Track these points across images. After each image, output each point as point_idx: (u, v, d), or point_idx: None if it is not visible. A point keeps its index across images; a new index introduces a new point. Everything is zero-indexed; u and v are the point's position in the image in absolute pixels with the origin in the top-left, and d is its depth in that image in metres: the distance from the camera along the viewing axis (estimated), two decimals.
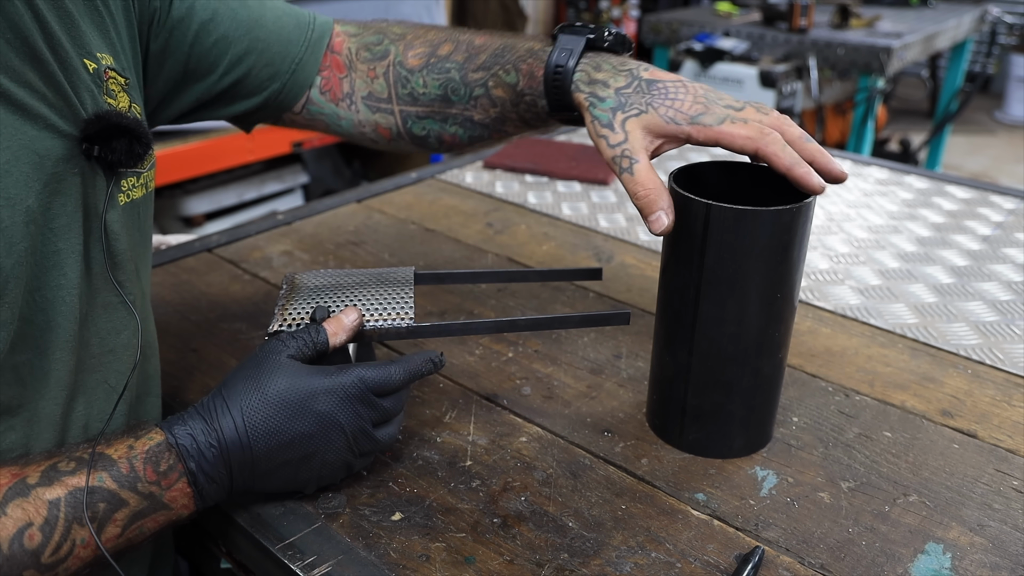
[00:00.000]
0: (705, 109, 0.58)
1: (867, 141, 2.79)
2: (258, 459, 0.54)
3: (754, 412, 0.64)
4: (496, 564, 0.55)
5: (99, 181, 0.55)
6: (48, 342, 0.53)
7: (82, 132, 0.53)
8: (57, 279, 0.52)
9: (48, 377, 0.53)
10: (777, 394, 0.65)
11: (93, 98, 0.54)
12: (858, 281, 0.96)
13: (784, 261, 0.58)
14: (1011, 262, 1.01)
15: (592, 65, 0.62)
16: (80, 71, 0.54)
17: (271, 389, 0.55)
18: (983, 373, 0.77)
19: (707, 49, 2.64)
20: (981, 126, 4.91)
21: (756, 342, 0.60)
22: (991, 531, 0.58)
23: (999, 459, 0.66)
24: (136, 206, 0.60)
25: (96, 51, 0.56)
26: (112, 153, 0.54)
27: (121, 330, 0.58)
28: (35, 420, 0.53)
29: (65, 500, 0.48)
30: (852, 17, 2.84)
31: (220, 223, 2.27)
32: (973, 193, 1.24)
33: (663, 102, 0.59)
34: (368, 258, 0.99)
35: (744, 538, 0.57)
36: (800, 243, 0.58)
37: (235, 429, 0.54)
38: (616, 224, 1.10)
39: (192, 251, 1.01)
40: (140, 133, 0.56)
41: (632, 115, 0.59)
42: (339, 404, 0.56)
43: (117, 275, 0.57)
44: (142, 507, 0.50)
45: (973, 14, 3.35)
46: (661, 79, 0.60)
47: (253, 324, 0.84)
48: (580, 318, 0.66)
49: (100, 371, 0.58)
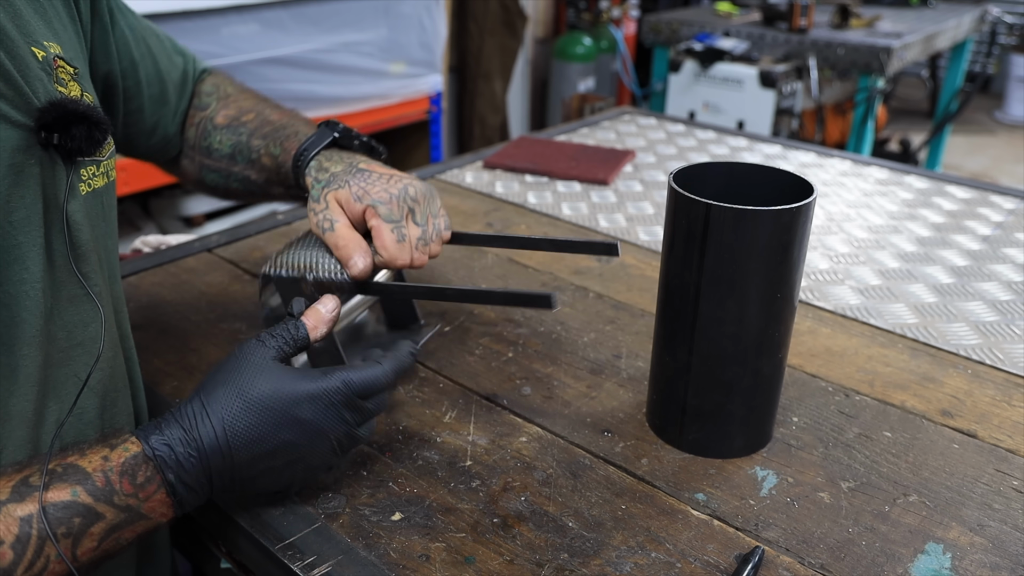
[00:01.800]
0: (387, 200, 0.68)
1: (867, 141, 2.79)
2: (239, 466, 0.53)
3: (754, 412, 0.64)
4: (496, 564, 0.55)
5: (59, 171, 0.54)
6: (13, 338, 0.52)
7: (38, 121, 0.51)
8: (19, 273, 0.51)
9: (16, 374, 0.52)
10: (777, 394, 0.65)
11: (44, 87, 0.53)
12: (858, 281, 0.96)
13: (784, 261, 0.58)
14: (1011, 262, 1.01)
15: (326, 157, 0.73)
16: (29, 59, 0.53)
17: (253, 394, 0.53)
18: (983, 373, 0.77)
19: (707, 49, 2.64)
20: (981, 126, 4.91)
21: (756, 342, 0.60)
22: (991, 531, 0.58)
23: (999, 459, 0.66)
24: (99, 195, 0.59)
25: (42, 39, 0.55)
26: (72, 140, 0.53)
27: (88, 323, 0.57)
28: (6, 418, 0.52)
29: (38, 517, 0.46)
30: (852, 17, 2.84)
31: (220, 223, 2.27)
32: (973, 193, 1.24)
33: (359, 182, 0.69)
34: None
35: (744, 538, 0.57)
36: (800, 243, 0.58)
37: (215, 438, 0.52)
38: (616, 224, 1.10)
39: (192, 251, 1.01)
40: (98, 119, 0.55)
41: (332, 189, 0.69)
42: (324, 411, 0.55)
43: (81, 267, 0.56)
44: (119, 519, 0.49)
45: (973, 14, 3.35)
46: (373, 170, 0.70)
47: (253, 324, 0.84)
48: (504, 295, 0.68)
49: (69, 365, 0.56)
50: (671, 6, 4.19)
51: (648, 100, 3.45)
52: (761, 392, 0.63)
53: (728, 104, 2.62)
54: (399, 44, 2.51)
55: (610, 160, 1.31)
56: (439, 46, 2.65)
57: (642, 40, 3.27)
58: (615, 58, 3.80)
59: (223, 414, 0.53)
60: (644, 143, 1.46)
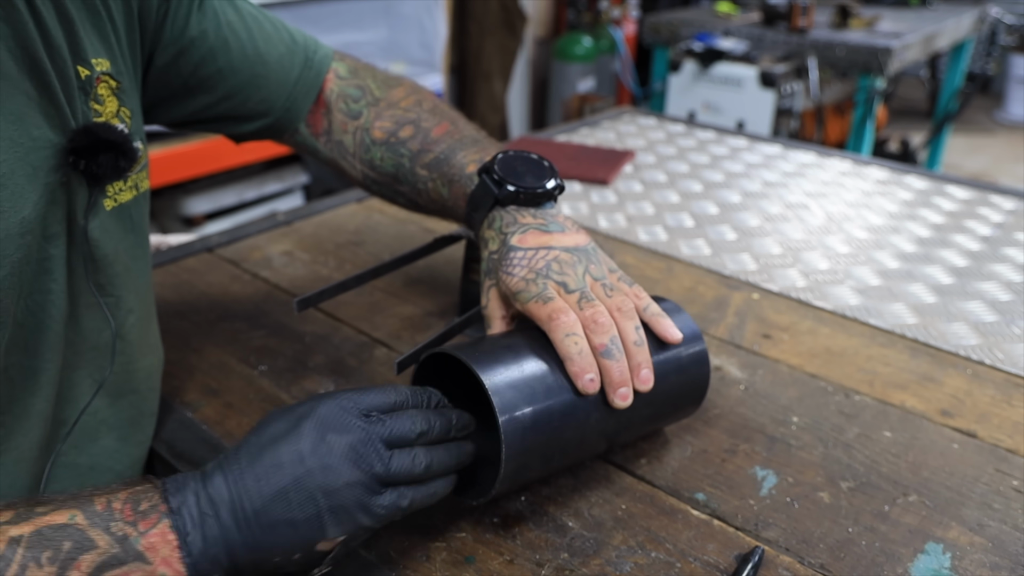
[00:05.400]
0: (525, 287, 0.58)
1: (867, 141, 2.79)
2: (248, 490, 0.46)
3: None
4: (496, 564, 0.55)
5: (82, 190, 0.55)
6: (38, 343, 0.53)
7: (69, 144, 0.52)
8: (47, 284, 0.53)
9: (38, 376, 0.54)
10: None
11: (81, 108, 0.54)
12: (858, 281, 0.96)
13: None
14: (1011, 262, 1.01)
15: (489, 224, 0.66)
16: (72, 79, 0.53)
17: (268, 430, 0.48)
18: (983, 373, 0.77)
19: (707, 49, 2.64)
20: (981, 126, 4.91)
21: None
22: (991, 531, 0.58)
23: (999, 459, 0.66)
24: (126, 209, 0.60)
25: (92, 57, 0.55)
26: (98, 168, 0.54)
27: (104, 328, 0.58)
28: (26, 416, 0.54)
29: (28, 538, 0.41)
30: (852, 17, 2.84)
31: (220, 223, 2.27)
32: (973, 193, 1.24)
33: (506, 270, 0.60)
34: (368, 258, 0.99)
35: (744, 538, 0.57)
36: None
37: (219, 457, 0.48)
38: (616, 224, 1.10)
39: (192, 251, 1.01)
40: (127, 148, 0.55)
41: (491, 284, 0.63)
42: (338, 415, 0.48)
43: (98, 279, 0.57)
44: (112, 554, 0.42)
45: (973, 14, 3.35)
46: (519, 246, 0.61)
47: (253, 324, 0.84)
48: (414, 252, 0.70)
49: (86, 367, 0.58)
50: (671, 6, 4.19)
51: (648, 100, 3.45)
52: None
53: (728, 104, 2.62)
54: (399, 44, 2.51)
55: (610, 160, 1.31)
56: (439, 46, 2.65)
57: (642, 40, 3.27)
58: (615, 58, 3.80)
59: (239, 450, 0.48)
60: (644, 143, 1.46)
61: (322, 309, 0.87)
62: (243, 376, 0.75)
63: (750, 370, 0.77)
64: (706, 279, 0.96)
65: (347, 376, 0.75)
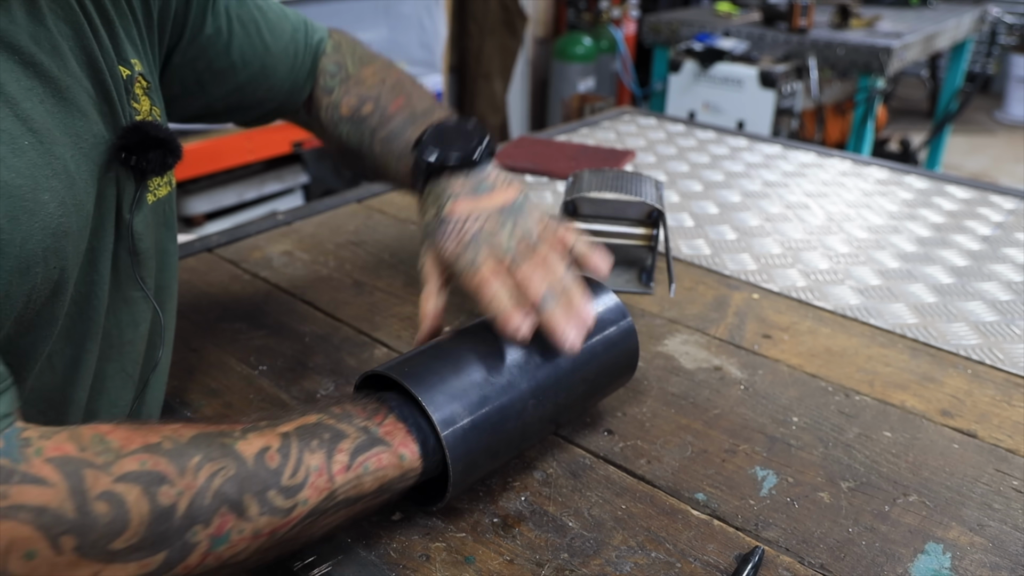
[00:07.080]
0: (456, 260, 0.62)
1: (867, 141, 2.79)
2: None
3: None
4: (496, 564, 0.55)
5: (128, 185, 0.57)
6: (81, 333, 0.54)
7: (119, 140, 0.54)
8: (92, 275, 0.54)
9: (80, 366, 0.55)
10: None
11: (125, 106, 0.56)
12: (858, 281, 0.96)
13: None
14: (1011, 262, 1.01)
15: (426, 191, 0.69)
16: (120, 78, 0.56)
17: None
18: (983, 373, 0.77)
19: (707, 49, 2.64)
20: (981, 126, 4.91)
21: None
22: (991, 531, 0.58)
23: (999, 459, 0.66)
24: (162, 203, 0.62)
25: (131, 57, 0.58)
26: (147, 164, 0.56)
27: (140, 322, 0.61)
28: (66, 404, 0.55)
29: (295, 431, 0.50)
30: (852, 17, 2.84)
31: (220, 223, 2.28)
32: (973, 193, 1.24)
33: (439, 242, 0.64)
34: (368, 258, 0.99)
35: (744, 538, 0.57)
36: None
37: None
38: None
39: (192, 251, 1.01)
40: (174, 146, 0.58)
41: (428, 246, 0.65)
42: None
43: (140, 272, 0.59)
44: (361, 440, 0.51)
45: (973, 14, 3.35)
46: (450, 217, 0.64)
47: (253, 324, 0.84)
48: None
49: (119, 360, 0.60)
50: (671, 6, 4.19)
51: (648, 100, 3.46)
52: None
53: (728, 104, 2.62)
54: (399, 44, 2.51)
55: (610, 160, 1.31)
56: (439, 46, 2.65)
57: (642, 40, 3.27)
58: (615, 58, 3.80)
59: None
60: (644, 143, 1.46)
61: (322, 309, 0.87)
62: (243, 376, 0.75)
63: (750, 370, 0.77)
64: (706, 279, 0.96)
65: (347, 376, 0.75)
